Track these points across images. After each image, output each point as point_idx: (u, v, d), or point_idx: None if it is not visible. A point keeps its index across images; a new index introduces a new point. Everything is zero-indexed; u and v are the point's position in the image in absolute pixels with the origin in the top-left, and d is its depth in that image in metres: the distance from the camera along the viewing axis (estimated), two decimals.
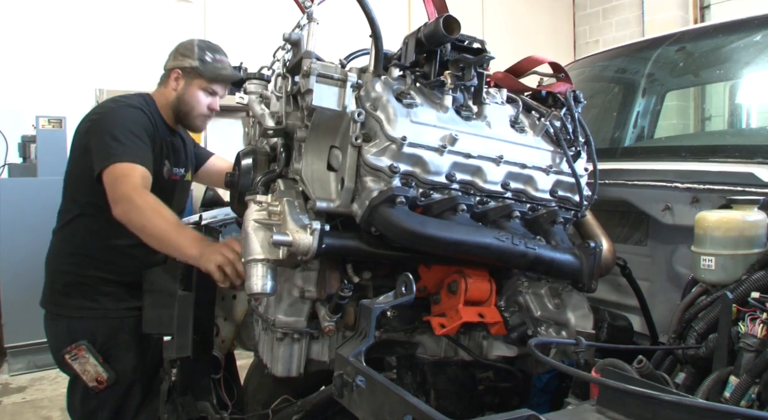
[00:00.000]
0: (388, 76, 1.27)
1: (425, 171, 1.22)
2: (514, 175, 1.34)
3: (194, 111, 2.18)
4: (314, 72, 1.19)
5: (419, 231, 1.13)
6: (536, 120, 1.44)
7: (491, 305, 1.29)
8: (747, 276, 1.20)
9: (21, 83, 4.93)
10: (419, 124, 1.22)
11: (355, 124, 1.20)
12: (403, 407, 0.71)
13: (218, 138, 5.77)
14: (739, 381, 1.03)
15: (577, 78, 2.69)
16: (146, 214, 1.71)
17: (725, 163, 1.63)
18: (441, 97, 1.28)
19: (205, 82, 2.15)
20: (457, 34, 1.20)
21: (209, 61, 2.16)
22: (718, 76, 2.43)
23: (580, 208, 1.43)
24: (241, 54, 5.84)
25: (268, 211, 1.31)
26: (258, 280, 1.24)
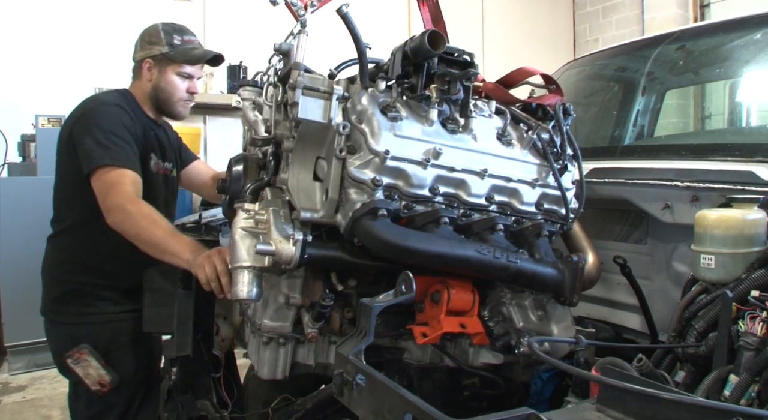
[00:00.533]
0: (374, 89, 1.28)
1: (408, 184, 1.24)
2: (499, 189, 1.35)
3: (173, 97, 2.13)
4: (300, 85, 1.21)
5: (400, 243, 1.15)
6: (524, 133, 1.44)
7: (474, 315, 1.31)
8: (747, 274, 1.20)
9: (21, 82, 4.92)
10: (403, 138, 1.23)
11: (340, 136, 1.22)
12: (403, 405, 0.71)
13: (217, 137, 5.77)
14: (739, 379, 1.03)
15: (577, 76, 2.69)
16: (141, 223, 1.70)
17: (725, 161, 1.63)
18: (427, 109, 1.29)
19: (178, 66, 2.10)
20: (442, 49, 1.21)
21: (178, 43, 2.09)
22: (718, 75, 2.43)
23: (566, 221, 1.43)
24: (241, 53, 5.86)
25: (255, 220, 1.34)
26: (243, 287, 1.27)
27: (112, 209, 1.75)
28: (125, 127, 1.97)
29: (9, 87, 4.87)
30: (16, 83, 4.91)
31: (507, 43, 7.14)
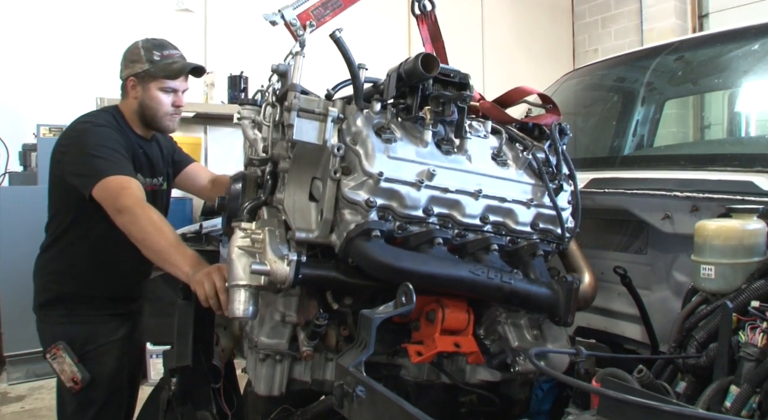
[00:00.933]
0: (369, 111, 1.29)
1: (402, 205, 1.25)
2: (494, 209, 1.35)
3: (158, 113, 2.16)
4: (295, 107, 1.23)
5: (393, 264, 1.16)
6: (520, 153, 1.44)
7: (468, 334, 1.31)
8: (747, 285, 1.20)
9: (22, 91, 4.94)
10: (397, 160, 1.25)
11: (335, 158, 1.24)
12: (403, 418, 0.71)
13: (218, 147, 5.78)
14: (740, 390, 1.03)
15: (577, 86, 2.70)
16: (147, 228, 1.72)
17: (724, 171, 1.63)
18: (422, 130, 1.30)
19: (160, 81, 2.13)
20: (436, 72, 1.23)
21: (158, 59, 2.12)
22: (717, 85, 2.44)
23: (562, 241, 1.44)
24: (242, 63, 5.88)
25: (252, 239, 1.35)
26: (240, 305, 1.29)
27: (123, 210, 1.78)
28: (120, 145, 2.02)
29: (10, 96, 4.89)
30: (17, 92, 4.92)
31: (506, 53, 7.18)
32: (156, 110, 2.14)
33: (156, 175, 2.26)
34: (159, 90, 2.13)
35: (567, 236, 1.43)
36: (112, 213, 1.83)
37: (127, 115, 2.18)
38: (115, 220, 1.82)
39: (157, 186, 2.27)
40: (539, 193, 1.41)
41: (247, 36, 5.61)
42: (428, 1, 2.03)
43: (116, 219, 1.81)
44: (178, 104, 2.19)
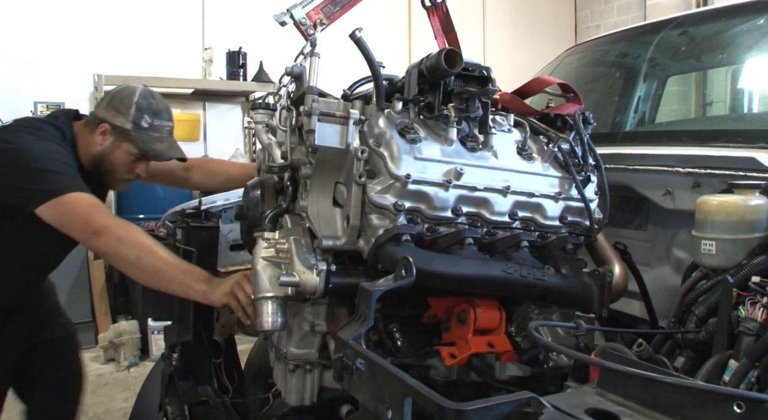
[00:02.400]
0: (391, 110, 1.25)
1: (430, 207, 1.22)
2: (522, 204, 1.33)
3: (115, 174, 1.95)
4: (316, 111, 1.19)
5: (425, 268, 1.12)
6: (544, 145, 1.41)
7: (501, 333, 1.28)
8: (747, 260, 1.20)
9: (19, 69, 4.89)
10: (423, 160, 1.21)
11: (359, 161, 1.20)
12: (403, 389, 0.71)
13: (216, 123, 5.75)
14: (739, 364, 1.04)
15: (578, 62, 2.68)
16: (139, 249, 1.58)
17: (727, 147, 1.62)
18: (446, 128, 1.27)
19: (134, 149, 1.90)
20: (459, 68, 1.19)
21: (144, 127, 1.89)
22: (721, 61, 2.42)
23: (591, 233, 1.42)
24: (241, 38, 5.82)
25: (276, 249, 1.33)
26: (268, 318, 1.27)
27: (103, 231, 1.61)
28: (71, 161, 1.82)
29: (7, 74, 4.85)
30: (14, 70, 4.88)
31: (508, 28, 7.10)
32: (114, 171, 1.94)
33: None
34: (128, 154, 1.91)
35: (595, 227, 1.41)
36: (85, 235, 1.66)
37: (81, 149, 1.92)
38: (91, 243, 1.68)
39: None
40: (566, 185, 1.39)
41: (246, 11, 5.54)
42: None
43: (92, 241, 1.66)
44: (140, 174, 2.00)
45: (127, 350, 4.32)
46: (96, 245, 1.66)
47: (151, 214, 4.64)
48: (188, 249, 1.91)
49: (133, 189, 4.79)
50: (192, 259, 1.89)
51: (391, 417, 0.74)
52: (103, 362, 4.38)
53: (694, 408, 0.69)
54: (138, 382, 2.72)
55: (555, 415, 0.64)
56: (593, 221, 1.40)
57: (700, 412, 0.68)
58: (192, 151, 5.57)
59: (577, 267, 1.37)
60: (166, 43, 5.41)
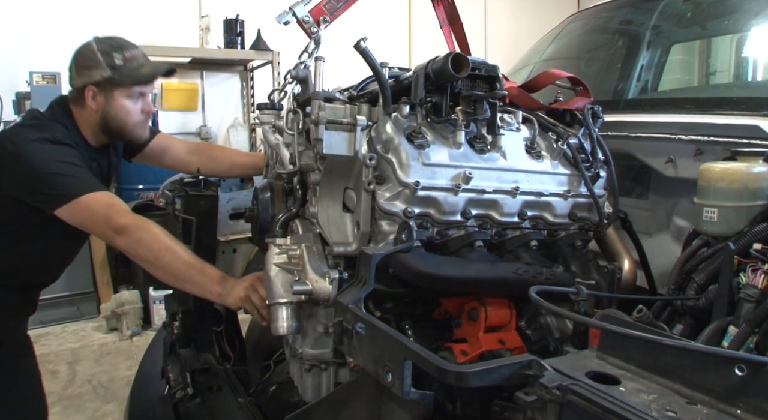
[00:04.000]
0: (398, 114, 1.24)
1: (440, 211, 1.22)
2: (531, 204, 1.32)
3: (128, 123, 1.90)
4: (323, 120, 1.18)
5: (435, 273, 1.13)
6: (553, 142, 1.40)
7: (512, 329, 1.28)
8: (749, 228, 1.20)
9: (14, 39, 4.83)
10: (432, 166, 1.21)
11: (367, 168, 1.20)
12: (403, 353, 0.71)
13: (214, 92, 5.70)
14: (739, 330, 1.04)
15: (581, 29, 2.64)
16: (158, 248, 1.60)
17: (730, 115, 1.60)
18: (454, 130, 1.26)
19: (126, 89, 1.85)
20: (466, 73, 1.18)
21: (120, 64, 1.83)
22: (726, 28, 2.38)
23: (600, 228, 1.41)
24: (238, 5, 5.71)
25: (288, 255, 1.34)
26: (283, 323, 1.30)
27: (123, 230, 1.63)
28: (79, 159, 1.80)
29: (2, 44, 4.79)
30: (8, 40, 4.81)
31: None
32: (125, 121, 1.89)
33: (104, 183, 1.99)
34: (126, 98, 1.86)
35: (605, 222, 1.40)
36: (106, 235, 1.69)
37: (83, 126, 1.90)
38: (113, 241, 1.69)
39: None
40: (576, 182, 1.38)
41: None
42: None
43: (114, 240, 1.67)
44: (147, 110, 1.94)
45: (129, 320, 4.36)
46: (117, 244, 1.68)
47: (150, 184, 4.62)
48: (187, 218, 1.91)
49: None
50: (191, 227, 1.89)
51: (391, 380, 0.74)
52: (105, 332, 4.41)
53: (694, 371, 0.69)
54: (140, 351, 2.74)
55: (555, 377, 0.64)
56: (602, 217, 1.39)
57: (701, 374, 0.68)
58: (190, 120, 5.54)
59: (586, 263, 1.36)
60: (163, 12, 5.33)
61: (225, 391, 1.84)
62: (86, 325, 4.55)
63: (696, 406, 0.67)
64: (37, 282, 2.05)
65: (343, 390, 1.14)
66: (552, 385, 0.64)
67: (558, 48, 2.64)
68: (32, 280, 2.01)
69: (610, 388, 0.68)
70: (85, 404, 3.35)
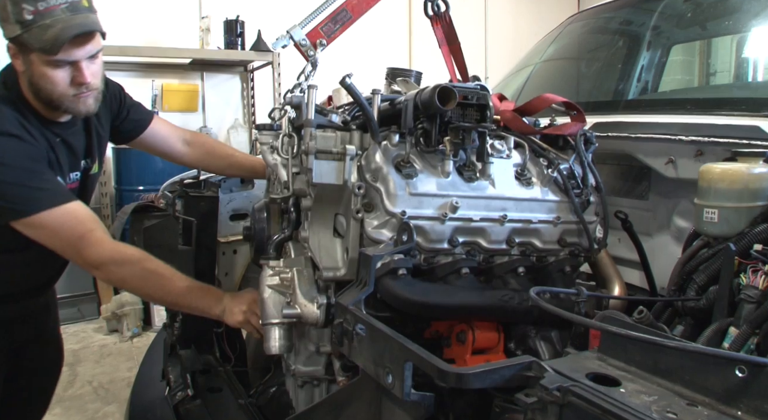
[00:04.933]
0: (388, 143, 1.26)
1: (427, 239, 1.23)
2: (519, 231, 1.33)
3: (53, 95, 1.53)
4: (312, 150, 1.22)
5: (422, 300, 1.15)
6: (544, 168, 1.41)
7: (500, 352, 1.30)
8: (750, 229, 1.19)
9: None
10: (419, 196, 1.22)
11: (356, 197, 1.22)
12: (403, 354, 0.71)
13: (215, 93, 5.70)
14: (739, 331, 1.04)
15: (582, 29, 2.64)
16: (145, 285, 1.53)
17: (731, 116, 1.60)
18: (443, 159, 1.28)
19: (43, 55, 1.47)
20: (453, 105, 1.19)
21: (30, 19, 1.44)
22: (726, 29, 2.38)
23: (590, 253, 1.41)
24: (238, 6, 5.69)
25: (281, 277, 1.39)
26: (275, 343, 1.35)
27: (101, 267, 1.49)
28: (30, 158, 1.50)
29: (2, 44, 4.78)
30: None
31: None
32: (50, 92, 1.53)
33: (76, 165, 1.74)
34: (46, 65, 1.49)
35: (596, 247, 1.41)
36: (80, 264, 1.52)
37: (27, 95, 1.57)
38: (94, 274, 1.58)
39: (79, 179, 1.77)
40: (566, 208, 1.38)
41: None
42: (442, 1, 1.96)
43: (92, 273, 1.54)
44: (80, 81, 1.53)
45: (129, 321, 4.36)
46: (96, 276, 1.60)
47: (150, 185, 4.62)
48: (188, 219, 1.91)
49: (131, 161, 4.77)
50: (192, 228, 1.89)
51: (392, 381, 0.74)
52: (106, 333, 4.41)
53: (695, 372, 0.69)
54: (141, 352, 2.74)
55: (556, 379, 0.64)
56: (592, 243, 1.40)
57: (701, 376, 0.68)
58: (191, 121, 5.53)
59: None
60: (163, 13, 5.33)
61: (225, 393, 1.84)
62: (87, 326, 4.55)
63: (696, 407, 0.67)
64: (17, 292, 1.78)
65: (344, 391, 1.14)
66: (552, 386, 0.64)
67: (558, 48, 2.64)
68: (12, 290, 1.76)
69: (611, 389, 0.67)
70: (85, 405, 3.36)
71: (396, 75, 1.90)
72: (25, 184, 1.44)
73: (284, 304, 1.33)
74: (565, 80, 2.54)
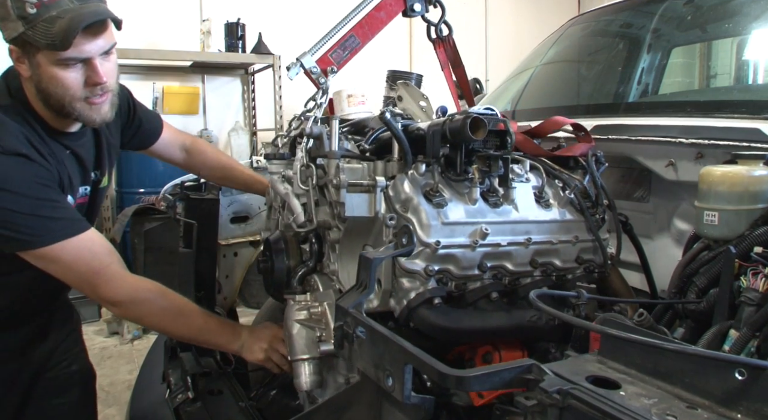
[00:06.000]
0: (414, 172, 1.27)
1: (459, 267, 1.24)
2: (542, 252, 1.35)
3: (65, 99, 1.38)
4: (344, 184, 1.21)
5: (457, 327, 1.18)
6: (560, 190, 1.42)
7: None
8: (750, 231, 1.20)
9: None
10: (451, 225, 1.23)
11: (388, 228, 1.22)
12: (403, 357, 0.71)
13: (216, 96, 5.71)
14: (740, 334, 1.04)
15: (582, 32, 2.64)
16: (162, 322, 1.51)
17: (731, 118, 1.60)
18: (469, 187, 1.28)
19: (50, 54, 1.32)
20: (483, 135, 1.20)
21: (33, 13, 1.27)
22: (726, 31, 2.38)
23: (604, 269, 1.43)
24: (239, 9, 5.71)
25: (309, 312, 1.37)
26: (307, 379, 1.33)
27: (118, 305, 1.45)
28: (48, 185, 1.37)
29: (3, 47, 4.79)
30: None
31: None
32: (62, 96, 1.38)
33: (86, 179, 1.61)
34: (55, 65, 1.34)
35: (609, 263, 1.43)
36: (96, 300, 1.48)
37: (33, 101, 1.43)
38: (111, 310, 1.56)
39: (87, 195, 1.65)
40: (582, 227, 1.40)
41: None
42: (444, 25, 1.97)
43: (112, 311, 1.53)
44: (94, 81, 1.39)
45: (130, 323, 4.36)
46: (115, 313, 1.57)
47: (150, 187, 4.63)
48: (189, 221, 1.91)
49: (132, 163, 4.78)
50: (193, 231, 1.89)
51: (392, 384, 0.74)
52: (106, 335, 4.42)
53: (695, 375, 0.69)
54: (141, 355, 2.74)
55: (556, 382, 0.64)
56: (607, 259, 1.42)
57: (701, 378, 0.68)
58: (191, 124, 5.55)
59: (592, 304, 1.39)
60: (164, 15, 5.34)
61: (226, 395, 1.84)
62: (87, 329, 4.55)
63: (696, 410, 0.67)
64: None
65: (344, 394, 1.14)
66: (552, 389, 0.64)
67: (559, 51, 2.65)
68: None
69: (611, 392, 0.67)
70: None
71: (396, 78, 1.90)
72: (36, 214, 1.32)
73: (314, 339, 1.32)
74: (565, 83, 2.55)
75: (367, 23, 1.78)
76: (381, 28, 1.81)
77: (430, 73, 2.17)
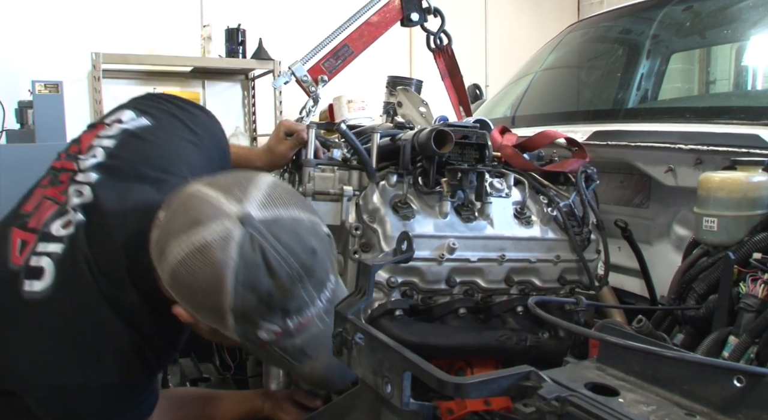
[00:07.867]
0: (386, 183, 1.27)
1: (424, 280, 1.24)
2: (518, 270, 1.33)
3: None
4: (309, 192, 1.24)
5: (418, 341, 1.15)
6: (544, 207, 1.40)
7: None
8: (749, 237, 1.20)
9: (16, 48, 4.85)
10: (416, 237, 1.21)
11: (353, 237, 1.23)
12: (402, 363, 0.71)
13: (216, 102, 5.71)
14: (739, 341, 1.04)
15: (581, 38, 2.65)
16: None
17: (730, 124, 1.61)
18: (440, 199, 1.28)
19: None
20: (449, 149, 1.20)
21: (268, 340, 1.03)
22: (725, 37, 2.39)
23: (591, 290, 1.41)
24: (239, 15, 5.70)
25: None
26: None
27: None
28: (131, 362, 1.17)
29: (4, 52, 4.81)
30: (10, 48, 4.83)
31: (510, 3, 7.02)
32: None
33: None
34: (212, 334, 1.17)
35: (596, 285, 1.40)
36: None
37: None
38: None
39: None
40: (565, 247, 1.38)
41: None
42: (444, 35, 1.97)
43: None
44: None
45: None
46: None
47: None
48: None
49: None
50: None
51: (391, 391, 0.74)
52: None
53: (694, 382, 0.69)
54: None
55: (554, 389, 0.64)
56: (593, 280, 1.39)
57: (700, 386, 0.68)
58: None
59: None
60: (165, 21, 5.35)
61: None
62: None
63: (695, 417, 0.67)
64: None
65: (343, 401, 1.14)
66: (550, 396, 0.64)
67: (558, 57, 2.65)
68: None
69: (609, 399, 0.67)
70: None
71: (396, 83, 1.91)
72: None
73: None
74: (565, 89, 2.55)
75: (362, 33, 1.79)
76: (377, 37, 1.82)
77: (430, 78, 2.18)
